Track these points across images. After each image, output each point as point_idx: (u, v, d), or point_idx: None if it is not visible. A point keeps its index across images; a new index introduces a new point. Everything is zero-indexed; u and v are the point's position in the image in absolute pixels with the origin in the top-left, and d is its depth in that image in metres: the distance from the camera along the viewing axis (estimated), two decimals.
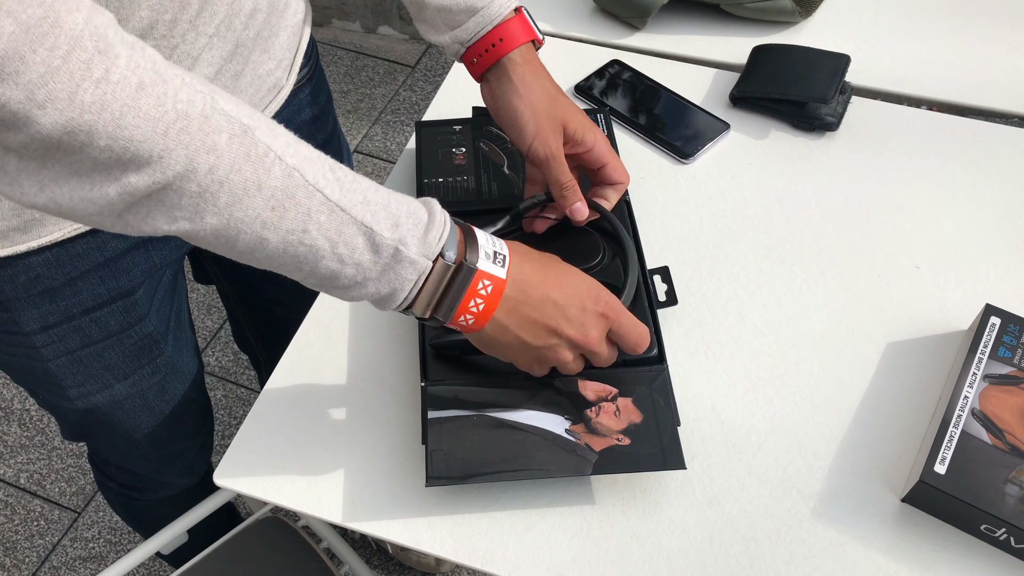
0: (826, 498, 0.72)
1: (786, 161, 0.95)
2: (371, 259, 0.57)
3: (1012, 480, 0.67)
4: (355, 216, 0.55)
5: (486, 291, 0.61)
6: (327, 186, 0.54)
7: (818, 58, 1.00)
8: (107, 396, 0.90)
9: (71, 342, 0.83)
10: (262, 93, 0.80)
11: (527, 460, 0.70)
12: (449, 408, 0.73)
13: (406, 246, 0.57)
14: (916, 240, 0.88)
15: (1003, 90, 1.01)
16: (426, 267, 0.58)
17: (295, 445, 0.77)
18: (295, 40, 0.83)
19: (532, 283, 0.64)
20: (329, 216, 0.54)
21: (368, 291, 0.59)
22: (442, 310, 0.61)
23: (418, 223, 0.58)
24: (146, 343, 0.88)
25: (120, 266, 0.80)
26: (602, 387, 0.74)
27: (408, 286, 0.59)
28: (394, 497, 0.74)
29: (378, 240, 0.56)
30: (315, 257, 0.55)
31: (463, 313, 0.62)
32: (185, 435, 1.06)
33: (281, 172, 0.52)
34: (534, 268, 0.64)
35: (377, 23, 2.43)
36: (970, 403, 0.71)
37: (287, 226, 0.53)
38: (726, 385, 0.79)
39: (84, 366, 0.86)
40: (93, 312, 0.81)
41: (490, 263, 0.61)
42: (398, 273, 0.58)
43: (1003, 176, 0.93)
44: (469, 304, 0.61)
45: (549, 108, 0.76)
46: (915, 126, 0.98)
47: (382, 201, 0.57)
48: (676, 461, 0.70)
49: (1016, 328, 0.76)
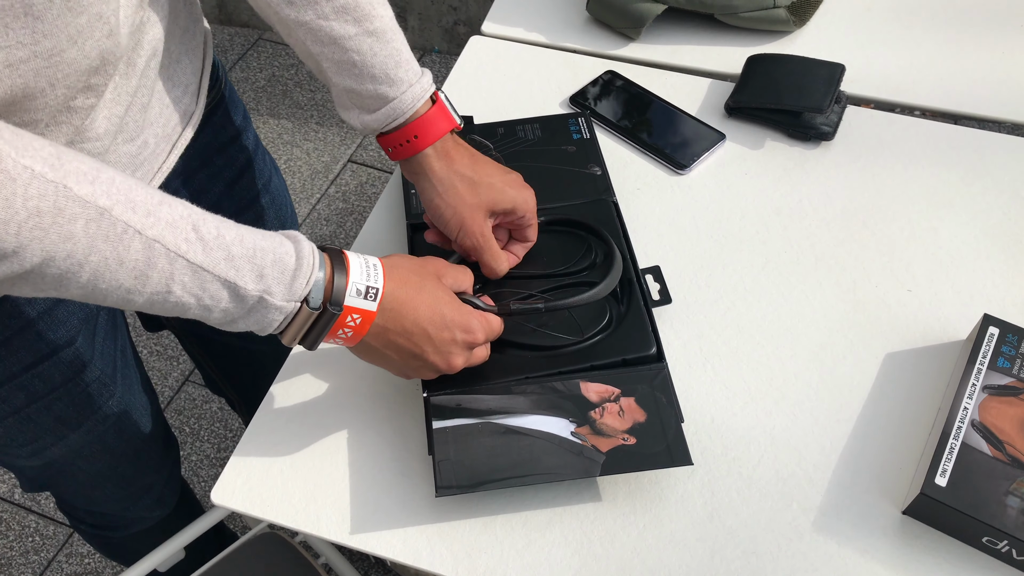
0: (827, 511, 0.72)
1: (782, 171, 0.95)
2: (237, 307, 0.60)
3: (1013, 492, 0.67)
4: (218, 274, 0.58)
5: (355, 323, 0.65)
6: (189, 250, 0.57)
7: (813, 67, 1.00)
8: (63, 447, 0.88)
9: (16, 401, 0.80)
10: (173, 123, 0.78)
11: (535, 464, 0.70)
12: (453, 417, 0.73)
13: (271, 295, 0.60)
14: (913, 249, 0.88)
15: (997, 98, 1.01)
16: (292, 309, 0.62)
17: (292, 462, 0.77)
18: (198, 64, 0.81)
19: (403, 312, 0.66)
20: (192, 276, 0.57)
21: (239, 326, 0.62)
22: (308, 342, 0.65)
23: (284, 271, 0.61)
24: (94, 388, 0.86)
25: (55, 317, 0.78)
26: (604, 388, 0.74)
27: (275, 324, 0.62)
28: (393, 513, 0.73)
29: (242, 293, 0.59)
30: (182, 308, 0.59)
31: (332, 338, 0.66)
32: (149, 469, 1.03)
33: (141, 246, 0.54)
34: (408, 296, 0.67)
35: None
36: (970, 414, 0.71)
37: (151, 289, 0.56)
38: (725, 397, 0.78)
39: (34, 422, 0.83)
40: (34, 368, 0.79)
41: (360, 299, 0.64)
42: (264, 315, 0.61)
43: (998, 184, 0.93)
44: (338, 332, 0.65)
45: (472, 197, 0.76)
46: (910, 134, 0.98)
47: (247, 254, 0.59)
48: (683, 457, 0.70)
49: (1015, 338, 0.75)
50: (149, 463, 1.02)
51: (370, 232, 0.93)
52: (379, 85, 0.73)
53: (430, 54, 2.44)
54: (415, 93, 0.74)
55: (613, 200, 0.88)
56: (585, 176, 0.90)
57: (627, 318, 0.78)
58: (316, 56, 0.73)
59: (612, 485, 0.74)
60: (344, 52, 0.72)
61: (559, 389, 0.74)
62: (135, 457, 0.98)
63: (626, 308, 0.78)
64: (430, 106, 0.75)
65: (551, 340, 0.76)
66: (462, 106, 1.04)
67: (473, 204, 0.76)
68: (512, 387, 0.74)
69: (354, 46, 0.72)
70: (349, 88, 0.74)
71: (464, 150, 0.78)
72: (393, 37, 0.73)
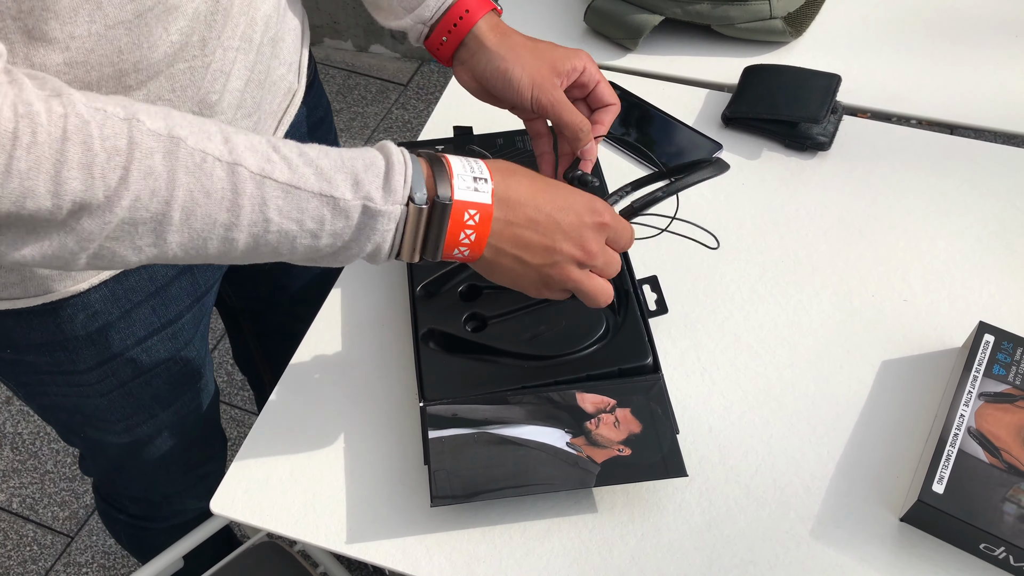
0: (824, 519, 0.72)
1: (779, 181, 0.96)
2: (343, 224, 0.56)
3: (1010, 499, 0.67)
4: (312, 190, 0.54)
5: (474, 220, 0.59)
6: (273, 170, 0.54)
7: (809, 78, 1.00)
8: (152, 426, 0.91)
9: (123, 374, 0.84)
10: (279, 99, 0.82)
11: (530, 475, 0.70)
12: (449, 427, 0.73)
13: (372, 201, 0.56)
14: (909, 258, 0.89)
15: (992, 108, 1.01)
16: (399, 213, 0.57)
17: (291, 471, 0.77)
18: (298, 42, 0.84)
19: (521, 201, 0.61)
20: (286, 198, 0.54)
21: (352, 252, 0.58)
22: (428, 250, 0.60)
23: (377, 173, 0.56)
24: (190, 368, 0.90)
25: (170, 294, 0.82)
26: (600, 399, 0.74)
27: (389, 237, 0.58)
28: (392, 522, 0.73)
29: (343, 205, 0.55)
30: (290, 239, 0.55)
31: (455, 247, 0.60)
32: (211, 457, 1.07)
33: (223, 172, 0.52)
34: (520, 185, 0.62)
35: (369, 42, 2.44)
36: (966, 422, 0.71)
37: (247, 220, 0.53)
38: (722, 407, 0.79)
39: (134, 398, 0.86)
40: (145, 342, 0.83)
41: (470, 191, 0.59)
42: (374, 228, 0.57)
43: (994, 193, 0.93)
44: (459, 237, 0.59)
45: (535, 59, 0.75)
46: (906, 145, 0.98)
47: (335, 165, 0.56)
48: (677, 469, 0.70)
49: (1010, 345, 0.76)
50: (211, 450, 1.06)
51: None
52: None
53: (429, 64, 2.45)
54: None
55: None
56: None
57: (624, 328, 0.78)
58: None
59: (610, 494, 0.74)
60: None
61: (555, 399, 0.74)
62: (203, 442, 1.01)
63: (623, 318, 0.79)
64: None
65: (548, 349, 0.77)
66: (461, 117, 1.04)
67: (538, 63, 0.75)
68: (508, 397, 0.75)
69: None
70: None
71: (511, 28, 0.78)
72: None
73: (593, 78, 0.78)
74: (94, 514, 1.71)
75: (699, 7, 1.07)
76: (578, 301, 0.77)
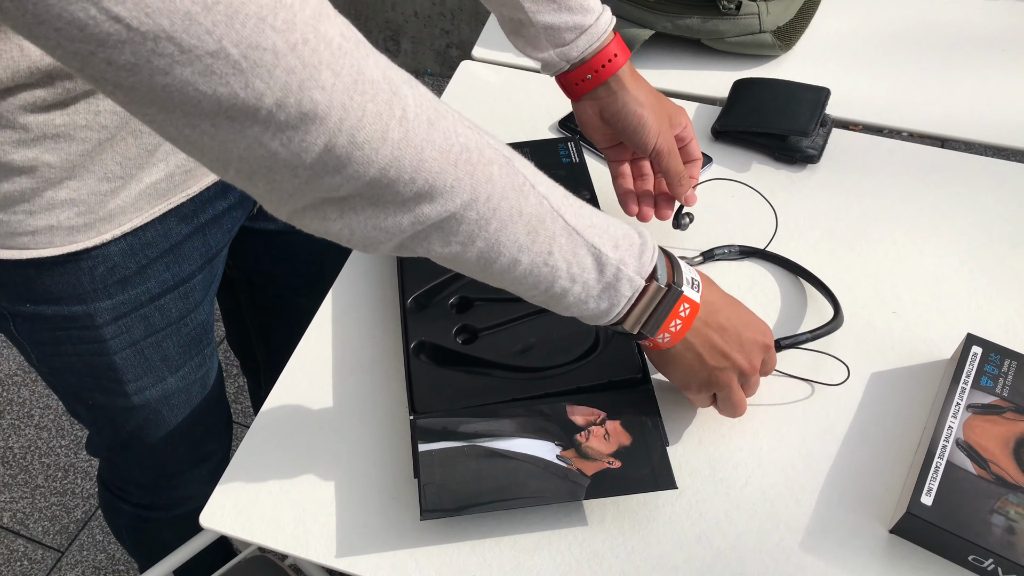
0: (814, 531, 0.72)
1: (768, 193, 0.96)
2: (596, 277, 0.61)
3: (998, 510, 0.68)
4: (587, 238, 0.60)
5: (685, 313, 0.67)
6: (567, 211, 0.59)
7: (798, 91, 1.01)
8: (159, 390, 0.92)
9: (136, 332, 0.85)
10: None
11: (520, 488, 0.70)
12: (439, 440, 0.73)
13: (625, 265, 0.62)
14: (898, 271, 0.89)
15: (980, 121, 1.02)
16: (640, 286, 0.63)
17: (281, 485, 0.77)
18: None
19: (719, 308, 0.69)
20: (568, 239, 0.59)
21: (589, 307, 0.63)
22: (649, 326, 0.66)
23: (632, 244, 0.63)
24: (198, 332, 0.91)
25: (183, 252, 0.84)
26: (590, 411, 0.74)
27: (623, 302, 0.63)
28: (382, 535, 0.73)
29: (604, 260, 0.61)
30: (554, 277, 0.60)
31: (664, 331, 0.67)
32: (215, 435, 1.08)
33: (535, 200, 0.57)
34: (717, 297, 0.70)
35: None
36: (954, 433, 0.72)
37: (537, 248, 0.58)
38: (712, 418, 0.79)
39: (145, 357, 0.88)
40: (158, 299, 0.85)
41: (689, 288, 0.67)
42: (617, 290, 0.63)
43: (982, 206, 0.94)
44: (671, 324, 0.66)
45: (661, 109, 0.84)
46: (896, 157, 0.99)
47: (603, 225, 0.62)
48: (667, 481, 0.70)
49: (997, 357, 0.76)
50: (216, 426, 1.07)
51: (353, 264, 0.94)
52: (575, 15, 0.79)
53: (423, 76, 2.46)
54: (606, 17, 0.81)
55: None
56: None
57: (613, 340, 0.78)
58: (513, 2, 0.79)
59: (600, 507, 0.74)
60: None
61: (545, 412, 0.75)
62: (207, 417, 1.02)
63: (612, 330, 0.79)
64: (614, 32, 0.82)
65: (539, 362, 0.77)
66: None
67: (661, 114, 0.83)
68: (498, 410, 0.75)
69: None
70: (547, 24, 0.79)
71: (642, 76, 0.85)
72: None
73: (690, 134, 0.87)
74: (85, 528, 1.71)
75: (689, 21, 1.07)
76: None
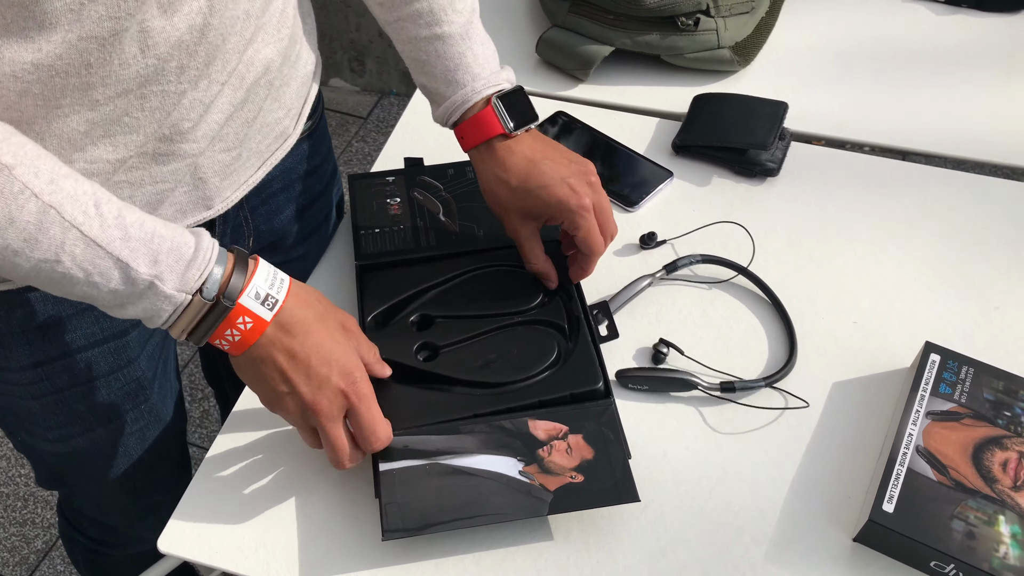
0: (779, 542, 0.72)
1: (729, 207, 0.97)
2: (126, 288, 0.61)
3: (958, 516, 0.68)
4: (111, 251, 0.60)
5: (245, 326, 0.65)
6: (85, 223, 0.59)
7: (757, 106, 1.02)
8: (88, 440, 0.89)
9: (59, 381, 0.82)
10: (269, 140, 0.81)
11: (483, 505, 0.70)
12: (400, 459, 0.72)
13: (162, 281, 0.61)
14: (858, 281, 0.90)
15: (936, 134, 1.04)
16: (181, 300, 0.63)
17: (242, 507, 0.75)
18: (304, 91, 0.85)
19: (295, 333, 0.66)
20: (85, 249, 0.59)
21: (128, 312, 0.63)
22: (196, 335, 0.65)
23: (180, 259, 0.62)
24: (133, 388, 0.88)
25: None
26: (552, 425, 0.74)
27: (164, 314, 0.63)
28: (344, 557, 0.72)
29: (133, 274, 0.61)
30: (71, 282, 0.60)
31: (219, 339, 0.65)
32: (162, 487, 1.03)
33: (35, 208, 0.57)
34: (306, 319, 0.67)
35: (328, 76, 2.45)
36: (914, 440, 0.72)
37: (39, 255, 0.58)
38: (675, 431, 0.79)
39: (68, 407, 0.85)
40: (85, 352, 0.81)
41: (257, 303, 0.65)
42: (153, 303, 0.62)
43: (939, 216, 0.95)
44: (225, 332, 0.65)
45: (508, 202, 0.79)
46: (854, 170, 1.00)
47: (144, 237, 0.61)
48: (630, 494, 0.70)
49: (955, 364, 0.77)
50: (162, 480, 1.02)
51: (322, 270, 0.93)
52: (439, 84, 0.80)
53: (388, 96, 2.46)
54: (464, 95, 0.79)
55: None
56: None
57: (575, 353, 0.78)
58: (400, 52, 0.82)
59: (565, 521, 0.73)
60: (417, 51, 0.80)
61: (507, 427, 0.74)
62: (151, 469, 0.98)
63: (574, 344, 0.79)
64: (480, 108, 0.79)
65: (500, 376, 0.76)
66: (415, 148, 1.05)
67: (512, 208, 0.80)
68: (460, 427, 0.74)
69: (423, 48, 0.79)
70: (421, 83, 0.82)
71: (516, 156, 0.79)
72: (460, 41, 0.79)
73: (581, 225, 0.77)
74: (46, 559, 1.67)
75: (648, 38, 1.08)
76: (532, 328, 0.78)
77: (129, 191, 0.70)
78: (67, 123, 0.63)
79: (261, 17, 0.71)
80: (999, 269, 0.90)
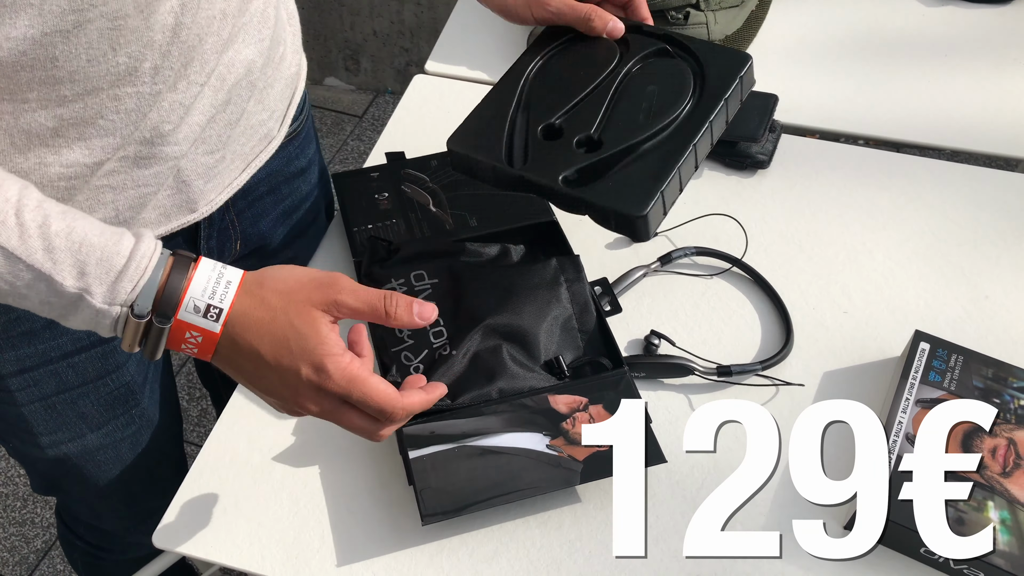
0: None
1: (720, 199, 0.97)
2: (57, 301, 0.58)
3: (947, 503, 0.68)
4: (32, 264, 0.56)
5: (196, 340, 0.59)
6: (2, 233, 0.56)
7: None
8: (79, 446, 0.88)
9: (47, 387, 0.82)
10: (253, 142, 0.81)
11: (516, 481, 0.71)
12: (428, 445, 0.73)
13: (91, 295, 0.57)
14: (848, 271, 0.90)
15: (926, 125, 1.04)
16: (113, 314, 0.58)
17: (236, 501, 0.76)
18: (288, 92, 0.84)
19: (246, 337, 0.60)
20: (4, 262, 0.56)
21: (72, 323, 0.59)
22: (147, 351, 0.60)
23: (109, 270, 0.57)
24: (122, 393, 0.87)
25: None
26: (573, 398, 0.76)
27: (104, 328, 0.59)
28: (339, 548, 0.72)
29: (58, 287, 0.57)
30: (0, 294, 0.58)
31: (177, 349, 0.60)
32: (157, 493, 1.00)
33: None
34: (258, 320, 0.60)
35: (323, 74, 2.45)
36: (904, 428, 0.73)
37: None
38: (667, 420, 0.79)
39: (58, 413, 0.84)
40: (71, 357, 0.81)
41: (198, 316, 0.58)
42: (89, 316, 0.58)
43: (929, 207, 0.96)
44: (180, 345, 0.60)
45: None
46: (844, 161, 1.01)
47: (71, 248, 0.57)
48: (656, 456, 0.72)
49: (944, 352, 0.78)
50: (158, 486, 0.99)
51: None
52: None
53: (383, 95, 2.46)
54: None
55: (553, 219, 0.89)
56: (522, 199, 0.91)
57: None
58: None
59: (558, 512, 0.74)
60: None
61: (529, 405, 0.75)
62: (146, 475, 0.97)
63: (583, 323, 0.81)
64: None
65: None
66: (405, 143, 1.05)
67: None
68: (482, 408, 0.75)
69: None
70: None
71: None
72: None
73: None
74: (45, 558, 1.67)
75: None
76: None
77: (111, 195, 0.70)
78: (35, 118, 0.62)
79: (240, 17, 0.70)
80: (989, 258, 0.91)
